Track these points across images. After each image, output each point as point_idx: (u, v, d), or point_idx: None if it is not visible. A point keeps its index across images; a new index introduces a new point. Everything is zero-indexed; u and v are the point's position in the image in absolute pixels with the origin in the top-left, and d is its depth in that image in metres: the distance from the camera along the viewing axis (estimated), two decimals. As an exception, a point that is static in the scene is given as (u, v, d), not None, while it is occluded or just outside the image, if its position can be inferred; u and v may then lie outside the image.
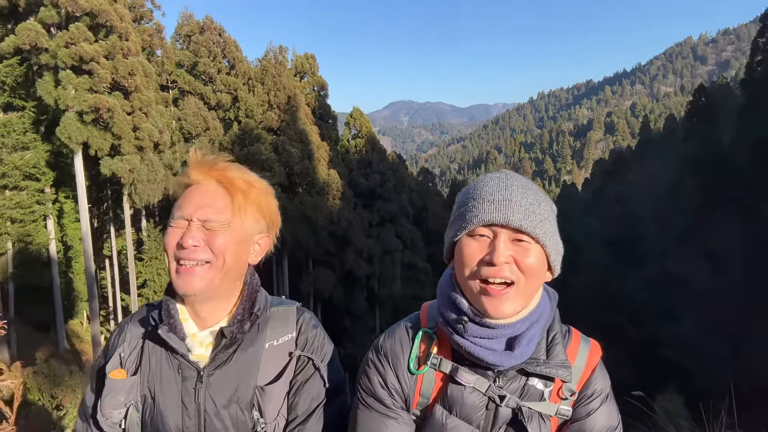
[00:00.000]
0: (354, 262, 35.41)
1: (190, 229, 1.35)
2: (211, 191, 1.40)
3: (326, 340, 1.54)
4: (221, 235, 1.37)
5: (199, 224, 1.36)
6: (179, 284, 1.35)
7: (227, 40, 34.61)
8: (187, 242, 1.34)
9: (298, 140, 31.59)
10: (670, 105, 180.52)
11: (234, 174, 1.44)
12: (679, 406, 16.88)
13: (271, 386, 1.42)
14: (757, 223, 30.68)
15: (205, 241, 1.36)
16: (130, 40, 24.58)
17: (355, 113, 45.99)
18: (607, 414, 1.33)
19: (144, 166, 26.05)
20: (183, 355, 1.38)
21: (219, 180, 1.42)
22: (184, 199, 1.41)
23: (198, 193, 1.40)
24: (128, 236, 28.17)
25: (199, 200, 1.38)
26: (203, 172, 1.43)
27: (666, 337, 32.19)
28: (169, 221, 1.41)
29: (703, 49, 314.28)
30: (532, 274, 1.22)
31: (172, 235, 1.37)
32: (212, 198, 1.39)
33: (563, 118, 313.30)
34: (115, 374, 1.40)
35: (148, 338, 1.44)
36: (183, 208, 1.39)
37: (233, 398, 1.39)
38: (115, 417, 1.38)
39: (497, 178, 1.28)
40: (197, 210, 1.37)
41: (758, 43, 37.84)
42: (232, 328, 1.38)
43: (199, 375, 1.38)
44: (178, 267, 1.35)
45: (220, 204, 1.39)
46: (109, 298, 33.84)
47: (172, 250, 1.36)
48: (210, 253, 1.36)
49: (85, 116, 23.32)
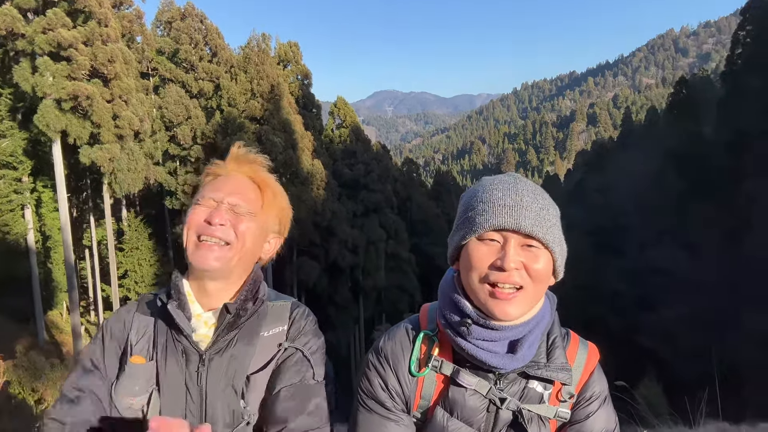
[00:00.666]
0: (338, 253, 35.39)
1: (219, 209, 1.43)
2: (245, 183, 1.51)
3: (316, 333, 1.55)
4: (247, 220, 1.45)
5: (228, 207, 1.44)
6: (197, 258, 1.40)
7: (209, 27, 34.09)
8: (215, 219, 1.40)
9: (281, 130, 31.33)
10: (651, 97, 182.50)
11: (266, 175, 1.56)
12: (658, 394, 17.25)
13: (255, 375, 1.43)
14: (733, 213, 31.30)
15: (231, 222, 1.43)
16: (109, 26, 24.08)
17: (339, 103, 45.75)
18: (606, 416, 1.35)
19: (124, 155, 25.68)
20: (187, 335, 1.39)
21: (252, 176, 1.53)
22: (215, 183, 1.50)
23: (231, 181, 1.50)
24: (108, 226, 27.80)
25: (232, 187, 1.48)
26: (241, 165, 1.54)
27: (645, 326, 32.81)
28: (196, 200, 1.48)
29: (684, 41, 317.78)
30: (539, 280, 1.23)
31: (199, 212, 1.44)
32: (245, 188, 1.50)
33: (546, 109, 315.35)
34: (135, 359, 1.41)
35: (158, 317, 1.47)
36: (215, 190, 1.46)
37: (230, 384, 1.40)
38: (136, 404, 1.39)
39: (507, 182, 1.27)
40: (230, 194, 1.45)
41: (738, 36, 38.40)
42: (235, 305, 1.41)
43: (201, 358, 1.40)
44: (198, 243, 1.41)
45: (252, 195, 1.50)
46: (89, 288, 33.45)
47: (197, 225, 1.42)
48: (233, 234, 1.43)
49: (64, 104, 22.86)
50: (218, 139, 30.48)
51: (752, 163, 30.94)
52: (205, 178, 1.56)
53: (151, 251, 31.31)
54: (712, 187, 34.47)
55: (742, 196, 30.88)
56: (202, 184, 1.54)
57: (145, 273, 30.75)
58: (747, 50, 36.45)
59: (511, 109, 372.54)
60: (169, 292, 1.45)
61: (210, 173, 1.55)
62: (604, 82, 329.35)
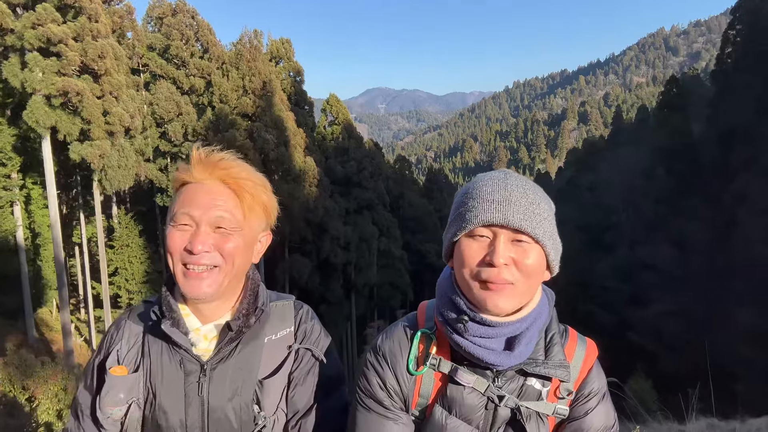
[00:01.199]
0: (330, 250, 35.35)
1: (199, 233, 1.31)
2: (218, 192, 1.35)
3: (323, 333, 1.54)
4: (232, 239, 1.34)
5: (208, 228, 1.32)
6: (187, 289, 1.32)
7: (200, 23, 33.88)
8: (197, 248, 1.29)
9: (273, 126, 31.21)
10: (642, 95, 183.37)
11: (239, 173, 1.38)
12: (648, 390, 17.40)
13: (269, 380, 1.42)
14: (722, 210, 31.57)
15: (215, 245, 1.32)
16: (99, 21, 23.88)
17: (331, 100, 45.61)
18: (604, 413, 1.34)
19: (115, 151, 25.49)
20: (186, 349, 1.35)
21: (224, 180, 1.36)
22: (186, 198, 1.34)
23: (204, 194, 1.34)
24: (98, 223, 27.61)
25: (207, 202, 1.33)
26: (207, 171, 1.36)
27: (635, 322, 33.05)
28: (171, 220, 1.34)
29: (675, 40, 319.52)
30: (531, 275, 1.22)
31: (177, 238, 1.32)
32: (221, 200, 1.34)
33: (538, 107, 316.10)
34: (116, 371, 1.37)
35: (149, 333, 1.42)
36: (189, 208, 1.32)
37: (237, 392, 1.38)
38: (116, 414, 1.36)
39: (496, 178, 1.26)
40: (207, 212, 1.32)
41: (729, 36, 38.67)
42: (238, 322, 1.37)
43: (202, 369, 1.37)
44: (186, 270, 1.31)
45: (230, 206, 1.35)
46: (79, 286, 33.24)
47: (179, 253, 1.31)
48: (220, 257, 1.32)
49: (53, 100, 22.67)
50: (210, 135, 30.29)
51: (741, 161, 31.21)
52: (175, 185, 1.40)
53: (141, 248, 31.13)
54: (701, 185, 34.75)
55: (730, 193, 31.15)
56: (172, 195, 1.41)
57: (135, 270, 30.58)
58: (737, 49, 36.72)
59: (503, 107, 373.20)
60: (161, 307, 1.40)
61: (179, 181, 1.39)
62: (595, 81, 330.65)
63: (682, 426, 5.70)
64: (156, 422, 1.37)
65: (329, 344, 1.53)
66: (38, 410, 8.59)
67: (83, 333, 30.92)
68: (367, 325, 39.06)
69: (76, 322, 31.65)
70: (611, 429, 1.34)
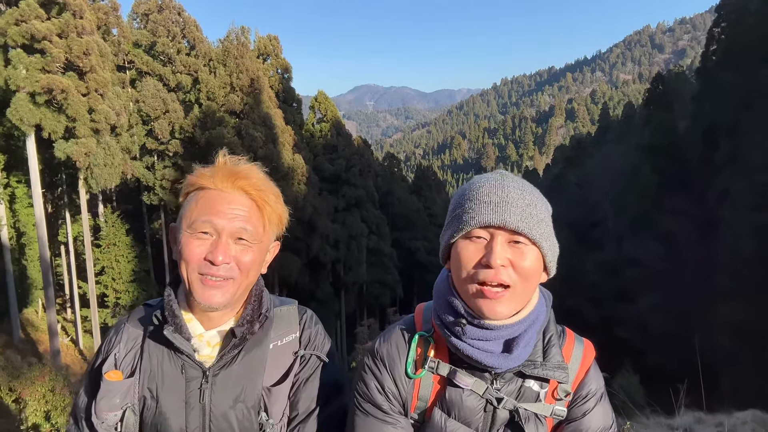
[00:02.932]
0: (319, 248, 35.29)
1: (220, 244, 1.29)
2: (241, 203, 1.33)
3: (327, 338, 1.53)
4: (251, 251, 1.33)
5: (230, 239, 1.30)
6: (201, 297, 1.30)
7: (187, 19, 33.59)
8: (218, 258, 1.27)
9: (261, 124, 31.07)
10: (628, 92, 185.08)
11: (262, 184, 1.37)
12: (635, 384, 17.56)
13: (277, 387, 1.40)
14: (706, 206, 31.92)
15: (234, 257, 1.31)
16: (84, 18, 23.59)
17: (319, 97, 45.47)
18: (602, 414, 1.34)
19: (100, 149, 25.23)
20: (189, 355, 1.34)
21: (246, 190, 1.34)
22: (206, 205, 1.31)
23: (226, 203, 1.32)
24: (84, 222, 27.33)
25: (230, 212, 1.31)
26: (230, 180, 1.33)
27: (622, 317, 33.34)
28: (188, 227, 1.31)
29: (660, 37, 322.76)
30: (528, 277, 1.21)
31: (196, 247, 1.29)
32: (244, 211, 1.33)
33: (526, 105, 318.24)
34: (110, 375, 1.35)
35: (150, 338, 1.40)
36: (211, 217, 1.30)
37: (239, 398, 1.36)
38: (110, 420, 1.34)
39: (493, 179, 1.26)
40: (230, 223, 1.30)
41: (713, 33, 39.04)
42: (242, 329, 1.35)
43: (204, 375, 1.35)
44: (203, 278, 1.30)
45: (254, 219, 1.34)
46: (66, 285, 32.89)
47: (198, 262, 1.29)
48: (237, 270, 1.31)
49: (38, 97, 22.37)
50: (197, 133, 30.11)
51: (725, 158, 31.57)
52: (189, 189, 1.37)
53: (128, 247, 30.86)
54: (686, 181, 35.09)
55: (715, 189, 31.50)
56: (187, 197, 1.38)
57: (122, 269, 30.31)
58: (721, 47, 37.10)
59: (491, 104, 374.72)
60: (164, 312, 1.37)
61: (195, 186, 1.37)
62: (582, 78, 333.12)
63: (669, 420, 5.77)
64: (156, 428, 1.35)
65: (331, 348, 1.52)
66: (26, 412, 8.49)
67: (70, 333, 30.61)
68: (357, 324, 39.06)
69: (63, 322, 31.33)
70: (609, 429, 1.34)
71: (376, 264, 42.73)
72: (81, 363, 27.29)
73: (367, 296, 43.22)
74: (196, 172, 1.37)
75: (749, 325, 25.02)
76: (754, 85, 29.43)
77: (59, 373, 9.95)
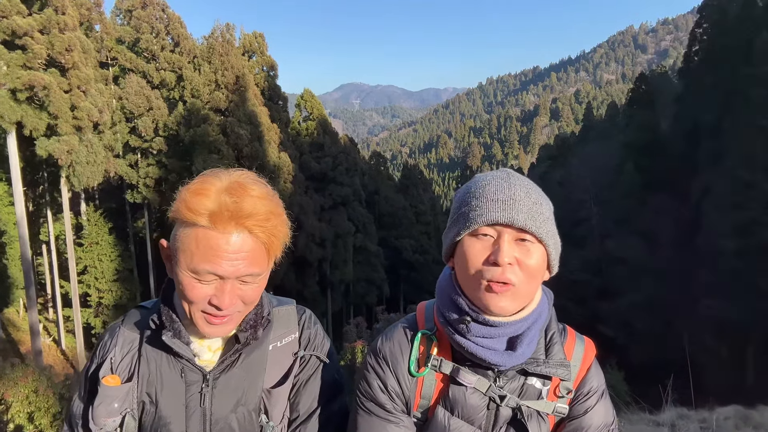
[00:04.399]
0: (306, 246, 35.17)
1: (225, 291, 1.22)
2: (246, 247, 1.21)
3: (326, 338, 1.51)
4: (255, 287, 1.28)
5: (236, 282, 1.23)
6: (207, 331, 1.27)
7: (171, 15, 33.25)
8: (224, 303, 1.22)
9: (247, 122, 30.87)
10: (612, 92, 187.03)
11: (267, 217, 1.23)
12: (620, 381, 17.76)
13: (277, 389, 1.39)
14: (688, 204, 32.39)
15: (240, 296, 1.25)
16: (66, 13, 23.27)
17: (306, 95, 45.29)
18: (604, 411, 1.35)
19: (83, 147, 24.92)
20: (189, 359, 1.31)
21: (252, 232, 1.22)
22: (207, 250, 1.19)
23: (229, 246, 1.19)
24: (67, 220, 26.97)
25: (235, 258, 1.20)
26: (234, 222, 1.19)
27: (606, 315, 33.70)
28: (187, 267, 1.21)
29: (643, 38, 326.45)
30: (533, 275, 1.22)
31: (200, 290, 1.22)
32: (249, 254, 1.22)
33: (511, 104, 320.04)
34: (108, 380, 1.32)
35: (147, 342, 1.36)
36: (214, 267, 1.19)
37: (240, 401, 1.35)
38: (109, 425, 1.31)
39: (499, 177, 1.26)
40: (236, 270, 1.21)
41: (696, 34, 39.58)
42: (246, 334, 1.33)
43: (204, 379, 1.33)
44: (207, 317, 1.25)
45: (260, 259, 1.25)
46: (47, 285, 32.49)
47: (202, 305, 1.24)
48: (242, 305, 1.27)
49: (19, 94, 22.05)
50: (181, 131, 29.84)
51: (706, 157, 32.05)
52: (186, 217, 1.20)
53: (111, 246, 30.52)
54: (669, 180, 35.57)
55: (696, 187, 31.96)
56: (183, 225, 1.22)
57: (105, 268, 29.96)
58: (703, 47, 37.63)
59: (476, 103, 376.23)
60: (161, 316, 1.34)
61: (191, 222, 1.20)
62: (566, 78, 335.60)
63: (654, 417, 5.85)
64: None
65: (330, 348, 1.51)
66: (9, 413, 8.36)
67: (52, 333, 30.22)
68: (344, 322, 39.03)
69: (45, 322, 30.92)
70: (611, 426, 1.35)
71: (363, 262, 42.71)
72: (64, 363, 26.97)
73: (353, 295, 43.18)
74: (193, 202, 1.19)
75: (731, 321, 25.45)
76: (736, 85, 29.91)
77: (42, 374, 9.79)
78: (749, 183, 26.84)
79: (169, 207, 1.29)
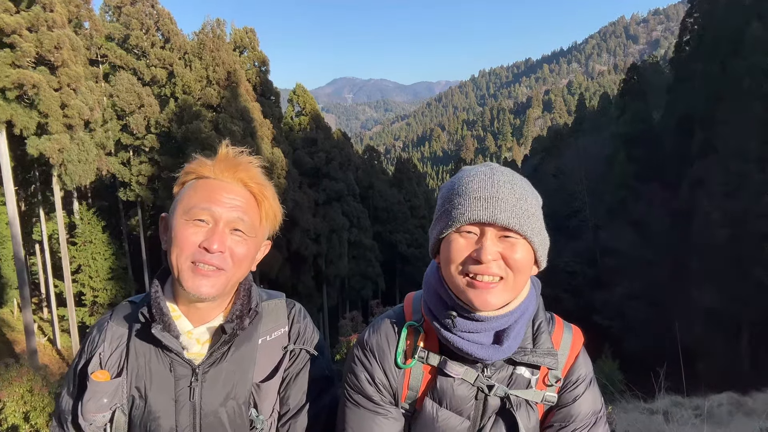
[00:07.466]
0: (301, 242, 35.11)
1: (217, 232, 1.28)
2: (240, 194, 1.34)
3: (316, 331, 1.52)
4: (245, 244, 1.33)
5: (226, 228, 1.29)
6: (191, 285, 1.27)
7: (161, 11, 32.99)
8: (213, 246, 1.26)
9: (239, 118, 30.72)
10: (604, 83, 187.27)
11: (262, 181, 1.38)
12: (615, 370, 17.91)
13: (267, 383, 1.39)
14: (681, 195, 32.56)
15: (229, 248, 1.29)
16: (55, 11, 23.02)
17: (298, 90, 45.11)
18: (592, 399, 1.36)
19: (74, 145, 24.73)
20: (177, 353, 1.32)
21: (246, 183, 1.35)
22: (206, 193, 1.31)
23: (225, 193, 1.31)
24: (59, 219, 26.81)
25: (230, 202, 1.31)
26: (231, 171, 1.34)
27: (600, 305, 33.91)
28: (184, 213, 1.29)
29: (635, 28, 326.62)
30: (519, 270, 1.21)
31: (192, 234, 1.27)
32: (243, 203, 1.33)
33: (504, 96, 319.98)
34: (97, 376, 1.32)
35: (136, 336, 1.37)
36: (210, 205, 1.29)
37: (230, 395, 1.35)
38: (99, 421, 1.32)
39: (483, 173, 1.25)
40: (229, 212, 1.30)
41: (686, 24, 39.71)
42: (232, 324, 1.34)
43: (194, 372, 1.33)
44: (194, 267, 1.27)
45: (251, 212, 1.34)
46: (41, 284, 32.33)
47: (191, 250, 1.27)
48: (230, 261, 1.30)
49: (8, 93, 21.82)
50: (173, 127, 29.67)
51: (698, 147, 32.20)
52: (188, 177, 1.36)
53: (105, 245, 30.37)
54: (661, 170, 35.75)
55: (689, 177, 32.12)
56: (185, 185, 1.36)
57: (99, 267, 29.83)
58: (694, 37, 37.74)
59: (469, 96, 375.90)
60: (150, 309, 1.34)
61: (194, 174, 1.36)
62: (558, 69, 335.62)
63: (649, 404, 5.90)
64: (146, 428, 1.33)
65: (320, 342, 1.51)
66: (4, 413, 8.36)
67: (47, 332, 30.09)
68: (340, 317, 39.05)
69: (39, 322, 30.79)
70: (599, 414, 1.36)
71: (358, 257, 42.70)
72: (59, 363, 26.88)
73: (349, 289, 43.20)
74: (197, 161, 1.37)
75: (723, 310, 25.65)
76: (727, 75, 30.02)
77: (37, 374, 9.79)
78: (741, 173, 27.00)
79: (162, 204, 1.32)
